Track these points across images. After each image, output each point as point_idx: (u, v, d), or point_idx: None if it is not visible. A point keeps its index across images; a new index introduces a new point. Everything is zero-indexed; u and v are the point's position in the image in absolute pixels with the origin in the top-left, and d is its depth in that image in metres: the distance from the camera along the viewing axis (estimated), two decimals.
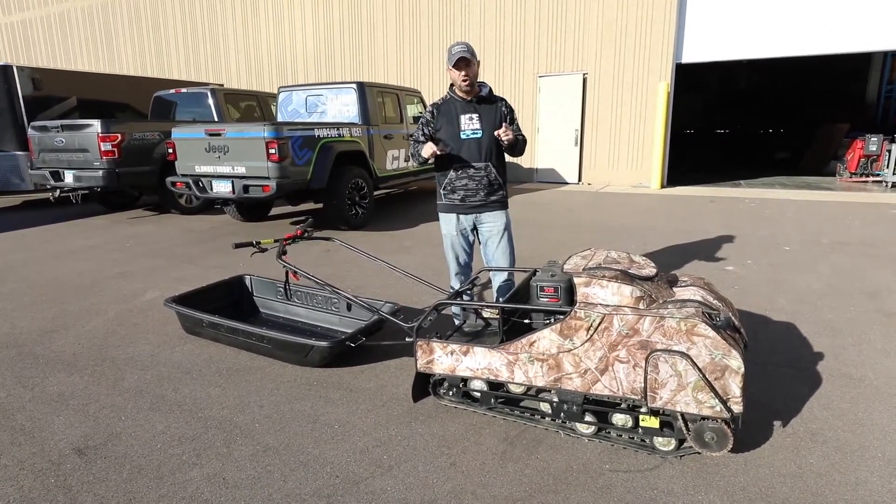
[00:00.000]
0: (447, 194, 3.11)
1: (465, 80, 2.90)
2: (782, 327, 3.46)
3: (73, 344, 3.37)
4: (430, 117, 3.06)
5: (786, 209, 7.90)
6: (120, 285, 4.60)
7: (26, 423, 2.46)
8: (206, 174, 6.48)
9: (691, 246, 5.69)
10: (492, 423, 2.41)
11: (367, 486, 2.00)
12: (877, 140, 10.57)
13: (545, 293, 2.35)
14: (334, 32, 13.16)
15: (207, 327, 3.26)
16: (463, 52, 2.83)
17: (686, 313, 2.02)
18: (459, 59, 2.83)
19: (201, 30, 14.96)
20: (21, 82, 8.42)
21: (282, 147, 5.94)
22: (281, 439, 2.31)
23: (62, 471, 2.12)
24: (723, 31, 9.93)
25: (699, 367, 1.96)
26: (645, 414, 2.15)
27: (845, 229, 6.39)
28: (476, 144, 3.00)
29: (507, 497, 1.94)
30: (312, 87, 7.65)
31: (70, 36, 17.32)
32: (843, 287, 4.24)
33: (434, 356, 2.47)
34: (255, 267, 5.04)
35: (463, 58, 2.83)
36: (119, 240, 6.49)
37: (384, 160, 7.73)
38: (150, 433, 2.37)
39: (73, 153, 7.46)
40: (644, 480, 2.01)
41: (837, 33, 9.25)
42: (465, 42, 2.91)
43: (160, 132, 7.84)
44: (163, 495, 1.97)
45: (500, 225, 3.11)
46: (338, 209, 6.65)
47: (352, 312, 3.46)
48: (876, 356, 3.02)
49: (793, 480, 1.99)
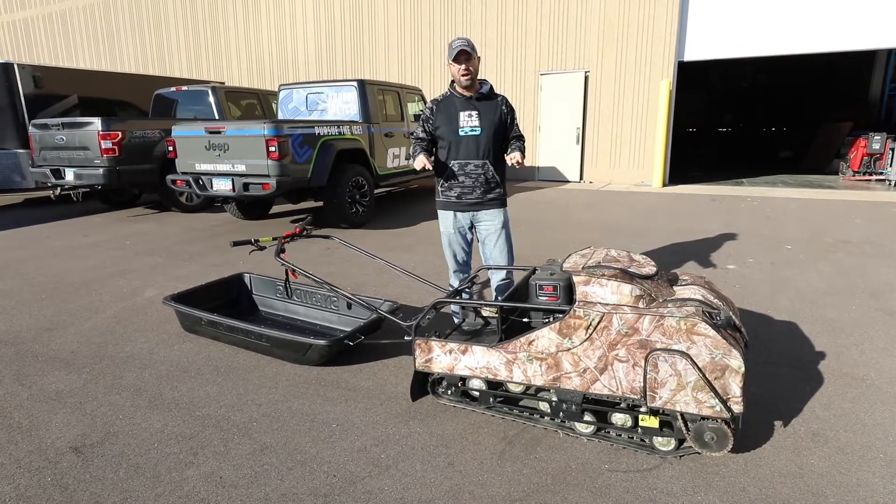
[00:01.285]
0: (444, 191, 3.10)
1: (466, 74, 2.88)
2: (783, 326, 3.44)
3: (72, 342, 3.37)
4: (429, 114, 3.05)
5: (788, 208, 7.87)
6: (119, 283, 4.59)
7: (23, 421, 2.45)
8: (206, 172, 6.47)
9: (692, 244, 5.66)
10: (490, 423, 2.40)
11: (365, 485, 1.99)
12: (880, 138, 10.52)
13: (544, 292, 2.33)
14: (335, 30, 13.14)
15: (206, 326, 3.25)
16: (463, 46, 2.81)
17: (686, 312, 2.00)
18: (460, 53, 2.82)
19: (202, 27, 14.96)
20: (22, 80, 8.42)
21: (282, 145, 5.93)
22: (278, 438, 2.30)
23: (59, 469, 2.11)
24: (725, 29, 9.89)
25: (699, 367, 1.94)
26: (644, 413, 2.13)
27: (848, 228, 6.36)
28: (474, 142, 2.98)
29: (506, 496, 1.92)
30: (313, 84, 7.64)
31: (72, 34, 17.33)
32: (845, 286, 4.21)
33: (433, 355, 2.46)
34: (255, 265, 5.03)
35: (463, 51, 2.81)
36: (119, 238, 6.49)
37: (385, 158, 7.71)
38: (148, 432, 2.36)
39: (74, 151, 7.46)
40: (643, 480, 1.99)
41: (841, 31, 9.21)
42: (466, 37, 2.89)
43: (161, 130, 7.83)
44: (159, 494, 1.96)
45: (497, 223, 3.09)
46: (338, 207, 6.64)
47: (351, 311, 3.45)
48: (878, 355, 3.00)
49: (793, 481, 1.98)
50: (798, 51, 9.54)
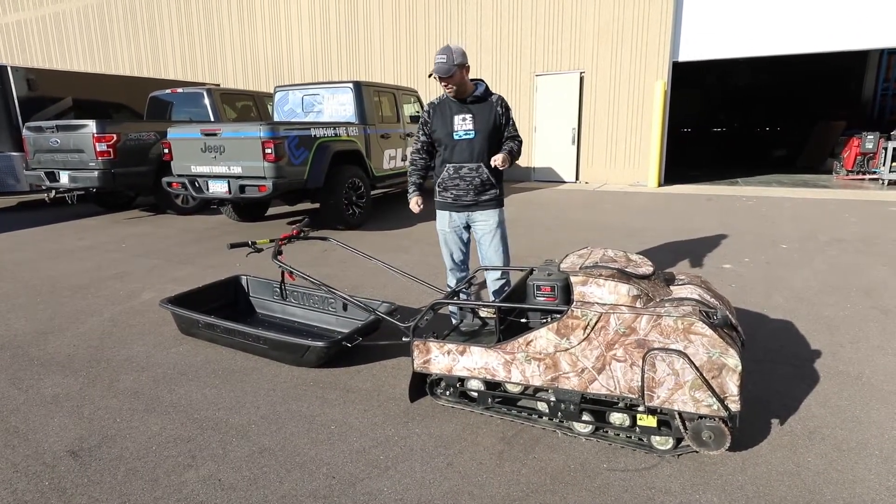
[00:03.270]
0: (441, 192, 3.14)
1: (449, 90, 2.93)
2: (779, 325, 3.46)
3: (69, 345, 3.35)
4: (427, 117, 3.08)
5: (783, 207, 7.91)
6: (116, 286, 4.57)
7: (20, 426, 2.44)
8: (202, 174, 6.45)
9: (688, 244, 5.69)
10: (489, 423, 2.40)
11: (364, 486, 1.99)
12: (873, 138, 10.58)
13: (542, 292, 2.34)
14: (331, 32, 13.13)
15: (203, 328, 3.25)
16: (440, 63, 2.77)
17: (683, 312, 2.01)
18: (437, 73, 2.81)
19: (197, 29, 14.92)
20: (16, 83, 8.39)
21: (278, 147, 5.92)
22: (277, 440, 2.30)
23: (56, 473, 2.10)
24: (719, 29, 9.93)
25: (696, 366, 1.95)
26: (642, 413, 2.14)
27: (842, 227, 6.40)
28: (468, 145, 2.99)
29: (505, 497, 1.93)
30: (309, 86, 7.63)
31: (66, 36, 17.25)
32: (840, 284, 4.24)
33: (431, 356, 2.46)
34: (252, 267, 5.02)
35: (439, 72, 2.79)
36: (115, 240, 6.46)
37: (381, 159, 7.71)
38: (146, 435, 2.36)
39: (69, 154, 7.43)
40: (641, 479, 2.00)
41: (834, 31, 9.26)
42: (449, 48, 2.79)
43: (156, 132, 7.81)
44: (158, 497, 1.95)
45: (492, 223, 3.10)
46: (335, 209, 6.64)
47: (348, 312, 3.45)
48: (873, 353, 3.02)
49: (790, 479, 1.99)
50: (792, 51, 9.59)
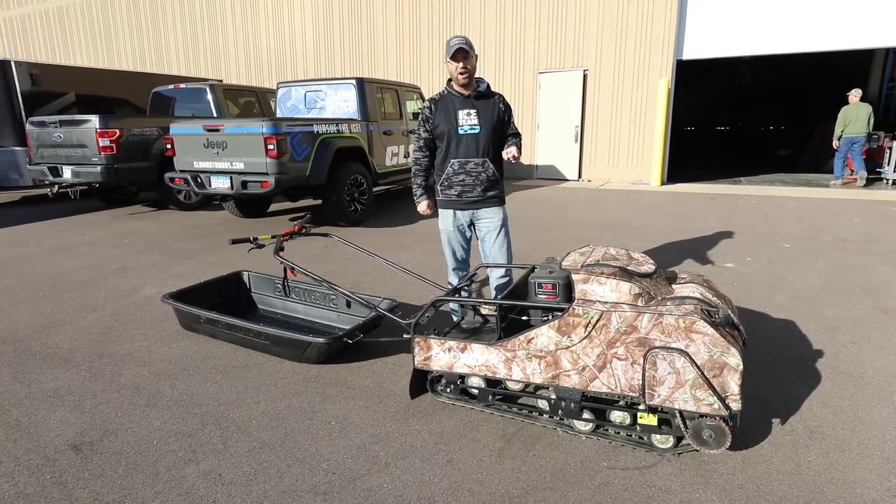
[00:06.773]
0: (444, 190, 3.10)
1: (464, 72, 2.88)
2: (781, 324, 3.45)
3: (70, 340, 3.36)
4: (428, 113, 3.05)
5: (786, 206, 7.88)
6: (118, 281, 4.58)
7: (22, 419, 2.45)
8: (204, 170, 6.46)
9: (690, 243, 5.67)
10: (489, 420, 2.40)
11: (364, 482, 2.00)
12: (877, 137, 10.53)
13: (543, 290, 2.34)
14: (334, 28, 13.11)
15: (205, 323, 3.25)
16: (461, 44, 2.81)
17: (685, 310, 2.00)
18: (458, 51, 2.82)
19: (200, 25, 14.91)
20: (19, 77, 8.39)
21: (280, 143, 5.92)
22: (277, 436, 2.30)
23: (58, 467, 2.11)
24: (724, 27, 9.89)
25: (697, 365, 1.95)
26: (643, 411, 2.14)
27: (845, 226, 6.38)
28: (474, 140, 2.98)
29: (504, 494, 1.93)
30: (311, 82, 7.62)
31: (69, 31, 17.25)
32: (843, 284, 4.23)
33: (432, 353, 2.46)
34: (253, 263, 5.03)
35: (461, 49, 2.81)
36: (117, 235, 6.48)
37: (383, 156, 7.70)
38: (147, 429, 2.36)
39: (72, 149, 7.43)
40: (642, 478, 2.00)
41: (839, 30, 9.21)
42: (464, 35, 2.87)
43: (159, 128, 7.81)
44: (158, 492, 1.96)
45: (496, 221, 3.10)
46: (337, 205, 6.64)
47: (350, 309, 3.45)
48: (875, 353, 3.01)
49: (791, 478, 1.99)
50: (797, 49, 9.55)
